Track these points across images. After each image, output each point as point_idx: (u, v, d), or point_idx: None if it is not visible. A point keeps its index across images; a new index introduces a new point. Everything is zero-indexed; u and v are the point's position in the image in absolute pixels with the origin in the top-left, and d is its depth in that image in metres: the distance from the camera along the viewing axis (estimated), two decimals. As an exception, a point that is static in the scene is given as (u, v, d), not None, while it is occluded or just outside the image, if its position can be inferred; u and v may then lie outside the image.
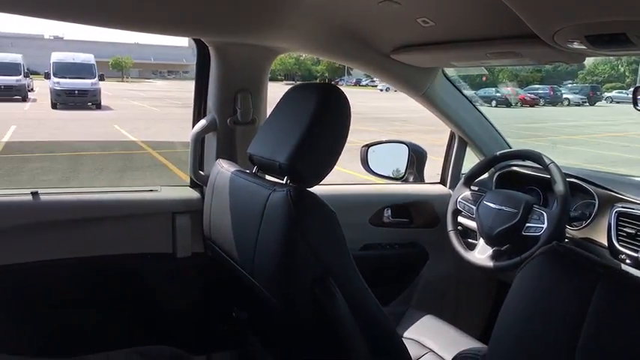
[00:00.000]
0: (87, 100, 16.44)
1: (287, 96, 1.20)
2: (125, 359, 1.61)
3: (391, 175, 2.05)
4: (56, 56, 17.61)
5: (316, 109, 1.06)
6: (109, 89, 20.77)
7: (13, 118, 12.76)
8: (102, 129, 11.73)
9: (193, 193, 1.69)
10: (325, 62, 41.15)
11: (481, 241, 1.64)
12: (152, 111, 17.33)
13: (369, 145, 2.07)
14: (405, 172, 2.02)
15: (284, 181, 1.10)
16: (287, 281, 1.03)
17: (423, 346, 1.45)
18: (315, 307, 1.01)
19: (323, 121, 1.07)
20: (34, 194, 1.45)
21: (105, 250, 1.56)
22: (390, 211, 1.99)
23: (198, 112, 1.68)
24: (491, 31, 1.29)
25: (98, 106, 16.59)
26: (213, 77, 1.59)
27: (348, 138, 1.11)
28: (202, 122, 1.62)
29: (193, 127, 1.65)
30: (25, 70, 19.28)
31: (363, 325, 1.04)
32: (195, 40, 1.57)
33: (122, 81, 35.77)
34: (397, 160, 2.06)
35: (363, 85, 36.75)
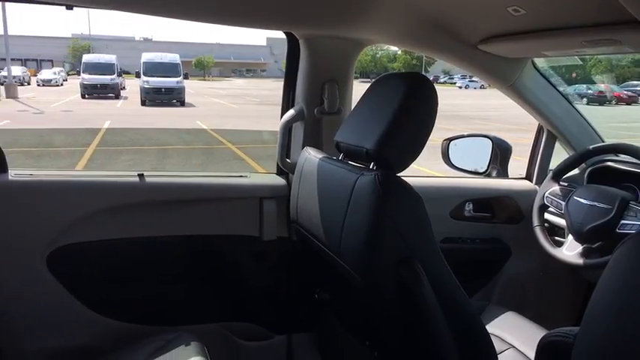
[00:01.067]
0: (172, 98, 17.52)
1: (375, 85, 1.25)
2: (213, 332, 1.74)
3: (473, 170, 2.03)
4: (146, 56, 18.90)
5: (404, 98, 1.10)
6: (191, 87, 21.96)
7: (108, 114, 13.90)
8: (186, 125, 12.45)
9: (280, 180, 1.79)
10: (402, 59, 40.62)
11: (569, 238, 1.59)
12: (231, 108, 18.09)
13: (450, 139, 2.06)
14: (488, 167, 1.99)
15: (370, 167, 1.15)
16: (373, 262, 1.08)
17: (504, 341, 1.44)
18: (399, 288, 1.05)
19: (410, 109, 1.11)
20: (141, 176, 1.62)
21: (198, 230, 1.70)
22: (471, 205, 1.98)
23: (287, 103, 1.78)
24: (587, 18, 1.25)
25: (182, 103, 17.62)
26: (302, 69, 1.68)
27: None
28: (291, 112, 1.71)
29: (282, 117, 1.75)
30: (119, 70, 20.88)
31: (447, 310, 1.07)
32: (285, 33, 1.66)
33: (204, 79, 37.62)
34: (480, 154, 2.04)
35: (440, 83, 35.85)
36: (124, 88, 22.03)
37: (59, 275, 1.55)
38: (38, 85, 25.40)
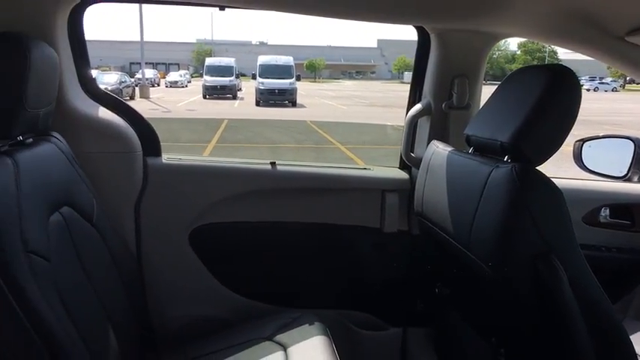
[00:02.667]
0: (285, 99, 18.34)
1: (510, 78, 1.24)
2: (330, 319, 1.82)
3: (610, 174, 1.90)
4: (262, 59, 20.00)
5: (545, 89, 1.08)
6: (302, 89, 22.74)
7: (226, 113, 14.94)
8: (296, 124, 12.95)
9: (402, 174, 1.83)
10: (521, 60, 38.28)
11: None
12: (340, 109, 18.44)
13: (584, 140, 1.94)
14: (629, 171, 1.85)
15: (505, 160, 1.14)
16: (507, 255, 1.07)
17: None
18: (534, 283, 1.04)
19: (552, 101, 1.08)
20: (273, 164, 1.75)
21: (323, 219, 1.79)
22: (608, 210, 1.84)
23: (414, 97, 1.81)
24: None
25: (294, 104, 18.36)
26: (431, 63, 1.70)
27: None
28: (417, 106, 1.74)
29: (408, 111, 1.78)
30: (237, 72, 22.33)
31: (584, 308, 1.03)
32: (416, 27, 1.69)
33: (314, 81, 38.75)
34: (619, 157, 1.89)
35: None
36: (240, 89, 23.48)
37: (198, 251, 1.74)
38: (166, 87, 28.06)
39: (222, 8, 1.55)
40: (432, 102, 1.71)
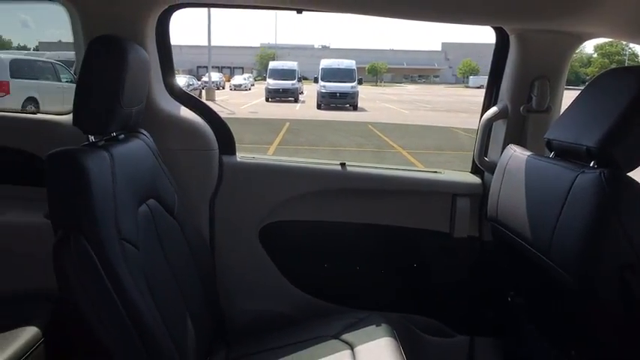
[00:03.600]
0: (346, 102, 18.39)
1: (597, 81, 1.19)
2: (395, 322, 1.82)
3: None
4: (325, 62, 20.18)
5: (638, 92, 1.03)
6: (364, 92, 22.72)
7: (288, 116, 15.21)
8: (357, 128, 12.96)
9: (474, 178, 1.79)
10: (598, 63, 36.22)
11: None
12: (402, 113, 18.26)
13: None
14: None
15: (591, 165, 1.10)
16: (592, 264, 1.03)
17: None
18: (621, 295, 0.99)
19: None
20: (342, 165, 1.78)
21: (391, 221, 1.79)
22: None
23: (490, 100, 1.77)
24: None
25: (355, 107, 18.38)
26: (510, 65, 1.66)
27: None
28: (493, 109, 1.70)
29: (482, 114, 1.75)
30: (299, 76, 22.67)
31: None
32: (494, 28, 1.66)
33: (376, 85, 38.62)
34: None
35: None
36: (302, 92, 23.81)
37: (267, 248, 1.79)
38: (230, 90, 28.95)
39: (299, 11, 1.60)
40: (509, 105, 1.67)
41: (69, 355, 1.36)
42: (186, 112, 1.67)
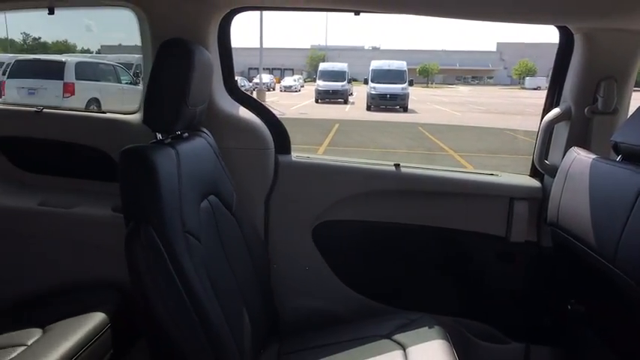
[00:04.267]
0: (396, 104, 18.22)
1: None
2: (447, 325, 1.80)
3: None
4: (375, 64, 20.07)
5: None
6: (414, 94, 22.42)
7: (337, 117, 15.25)
8: (407, 129, 12.84)
9: (533, 182, 1.75)
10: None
11: None
12: (454, 115, 17.90)
13: None
14: None
15: None
16: None
17: None
18: None
19: None
20: (397, 166, 1.78)
21: (445, 223, 1.78)
22: None
23: (551, 101, 1.73)
24: None
25: (405, 109, 18.18)
26: (575, 65, 1.61)
27: None
28: (555, 111, 1.66)
29: (543, 116, 1.71)
30: (348, 77, 22.69)
31: None
32: (558, 27, 1.62)
33: (427, 86, 38.04)
34: None
35: None
36: (351, 94, 23.81)
37: (320, 246, 1.82)
38: (281, 91, 29.33)
39: (357, 13, 1.62)
40: (573, 106, 1.62)
41: (133, 341, 1.44)
42: (244, 112, 1.73)
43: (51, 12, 1.65)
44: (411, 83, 19.27)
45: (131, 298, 1.17)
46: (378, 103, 18.31)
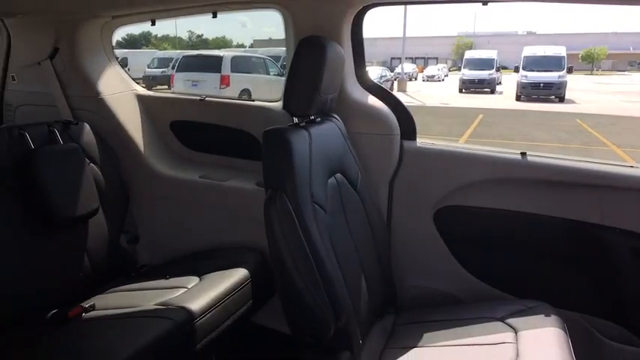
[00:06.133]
0: (551, 93, 16.84)
1: None
2: (571, 320, 1.76)
3: None
4: (527, 50, 18.72)
5: None
6: (574, 82, 20.46)
7: (482, 108, 14.63)
8: (562, 122, 11.85)
9: None
10: None
11: None
12: (622, 106, 15.98)
13: None
14: None
15: None
16: None
17: None
18: None
19: None
20: (523, 154, 1.79)
21: (575, 215, 1.74)
22: None
23: None
24: None
25: (561, 99, 16.71)
26: None
27: None
28: None
29: None
30: (497, 65, 21.51)
31: None
32: None
33: (590, 74, 34.30)
34: None
35: None
36: (499, 83, 22.56)
37: (441, 230, 1.91)
38: (423, 81, 28.91)
39: (484, 3, 1.68)
40: None
41: (269, 296, 1.71)
42: (373, 100, 1.89)
43: (214, 16, 2.00)
44: (569, 70, 17.60)
45: (268, 258, 1.42)
46: (529, 92, 17.10)
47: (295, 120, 1.53)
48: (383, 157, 1.88)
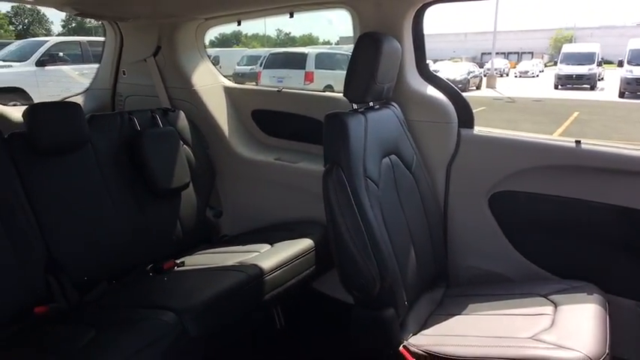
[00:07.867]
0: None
1: None
2: (624, 307, 1.81)
3: None
4: (634, 43, 17.36)
5: None
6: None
7: (577, 105, 13.84)
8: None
9: None
10: None
11: None
12: None
13: None
14: None
15: None
16: None
17: None
18: None
19: None
20: (577, 142, 1.87)
21: (629, 203, 1.78)
22: None
23: None
24: None
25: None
26: None
27: None
28: None
29: None
30: (599, 60, 20.13)
31: None
32: None
33: None
34: None
35: None
36: (601, 78, 21.10)
37: (496, 214, 2.03)
38: (515, 77, 27.71)
39: None
40: None
41: (330, 263, 1.94)
42: (432, 91, 2.06)
43: (291, 16, 2.27)
44: (683, 64, 16.07)
45: (328, 230, 1.64)
46: (634, 88, 15.87)
47: (354, 106, 1.75)
48: (440, 144, 2.04)
